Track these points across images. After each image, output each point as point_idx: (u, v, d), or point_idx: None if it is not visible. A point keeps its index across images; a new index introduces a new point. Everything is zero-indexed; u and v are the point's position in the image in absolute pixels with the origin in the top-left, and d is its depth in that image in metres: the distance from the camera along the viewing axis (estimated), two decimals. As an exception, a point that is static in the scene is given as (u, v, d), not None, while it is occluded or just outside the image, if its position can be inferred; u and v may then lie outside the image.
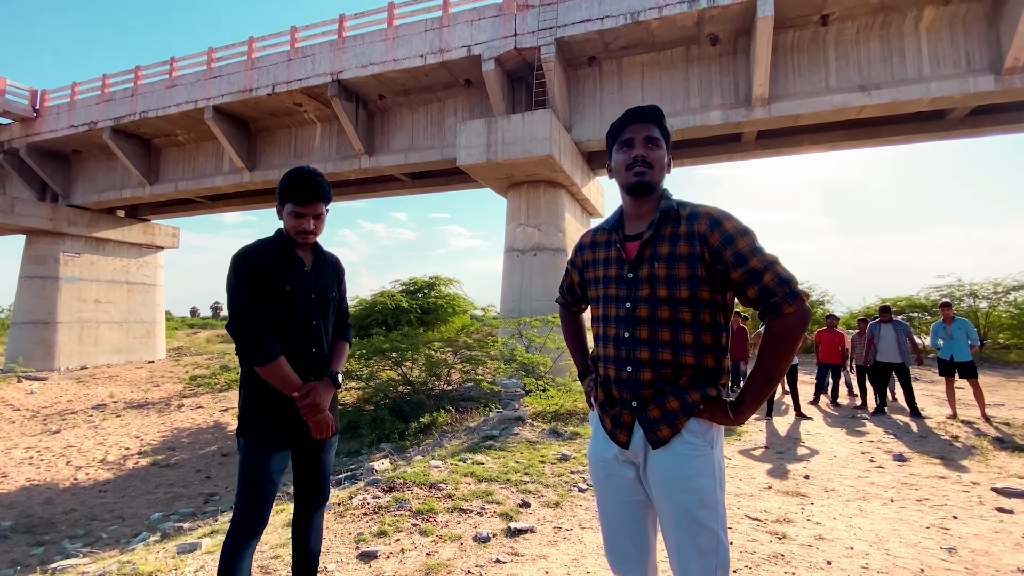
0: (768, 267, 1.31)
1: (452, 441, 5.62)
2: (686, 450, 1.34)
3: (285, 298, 1.85)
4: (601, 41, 12.04)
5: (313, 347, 1.91)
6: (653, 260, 1.41)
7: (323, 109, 15.23)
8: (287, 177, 1.87)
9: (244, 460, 1.82)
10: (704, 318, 1.37)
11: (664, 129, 1.50)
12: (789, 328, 1.29)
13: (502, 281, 12.99)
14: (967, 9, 10.73)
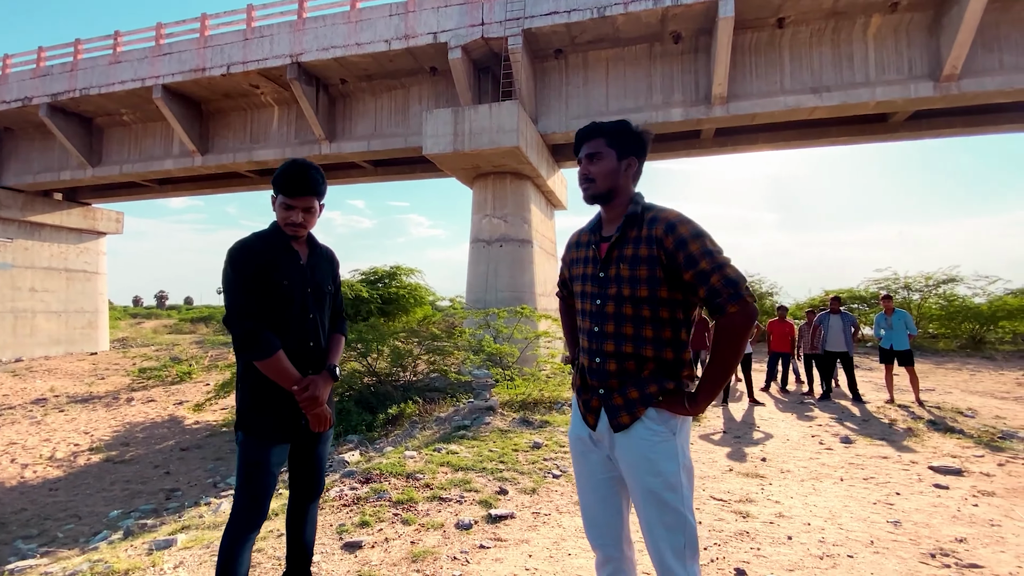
0: (716, 269, 1.40)
1: (423, 432, 5.64)
2: (648, 435, 1.45)
3: (282, 292, 1.84)
4: (568, 34, 12.13)
5: (311, 341, 1.91)
6: (619, 261, 1.53)
7: (281, 92, 14.73)
8: (281, 169, 1.86)
9: (243, 453, 1.81)
10: (663, 315, 1.48)
11: (613, 138, 1.59)
12: (733, 326, 1.39)
13: (468, 272, 12.99)
14: (911, 19, 11.38)
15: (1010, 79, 10.74)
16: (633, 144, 1.60)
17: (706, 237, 1.44)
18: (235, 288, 1.77)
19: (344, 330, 2.14)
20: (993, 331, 17.36)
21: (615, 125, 1.62)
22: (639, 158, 1.61)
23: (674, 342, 1.49)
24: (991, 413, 8.19)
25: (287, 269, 1.86)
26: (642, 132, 1.62)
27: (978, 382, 12.25)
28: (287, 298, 1.85)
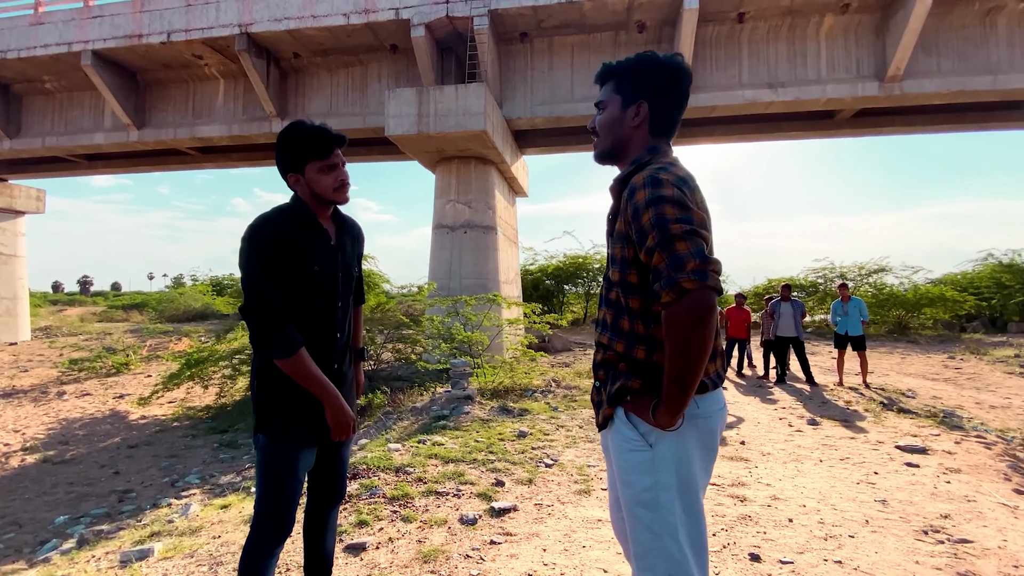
0: (662, 245, 1.09)
1: (400, 423, 5.45)
2: (620, 440, 1.27)
3: (311, 278, 1.61)
4: (535, 17, 11.93)
5: (338, 332, 1.72)
6: (612, 234, 1.32)
7: (228, 64, 13.79)
8: (294, 138, 1.60)
9: (266, 460, 1.61)
10: (632, 305, 1.25)
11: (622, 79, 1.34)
12: (670, 319, 1.08)
13: (430, 258, 12.70)
14: (860, 20, 11.90)
15: (946, 82, 11.46)
16: (645, 82, 1.29)
17: (665, 204, 1.11)
18: (254, 273, 1.52)
19: (363, 299, 1.97)
20: (917, 317, 18.77)
21: (626, 61, 1.33)
22: (655, 100, 1.29)
23: (646, 339, 1.23)
24: (928, 393, 8.79)
25: (318, 251, 1.63)
26: (664, 63, 1.29)
27: (909, 365, 13.16)
28: (317, 285, 1.63)
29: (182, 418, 7.87)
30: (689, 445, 1.23)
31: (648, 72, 1.31)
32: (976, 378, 11.47)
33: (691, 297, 1.05)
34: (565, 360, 12.37)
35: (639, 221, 1.15)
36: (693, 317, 1.05)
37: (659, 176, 1.17)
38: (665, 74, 1.30)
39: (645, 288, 1.22)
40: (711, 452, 1.30)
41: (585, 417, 5.64)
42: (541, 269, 22.12)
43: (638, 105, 1.31)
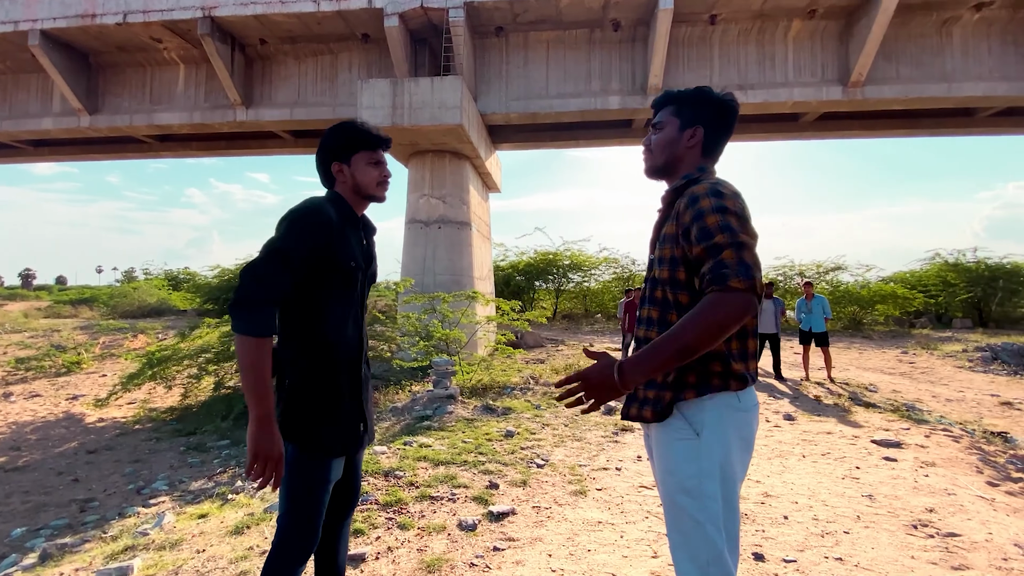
0: (733, 246, 1.20)
1: (381, 423, 5.30)
2: (667, 431, 1.34)
3: (350, 275, 1.57)
4: (511, 12, 11.82)
5: (362, 333, 1.68)
6: (660, 242, 1.43)
7: (190, 49, 13.16)
8: (347, 128, 1.63)
9: (296, 472, 1.50)
10: (682, 299, 1.35)
11: (682, 105, 1.48)
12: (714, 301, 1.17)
13: (403, 254, 12.49)
14: (825, 26, 12.27)
15: (905, 89, 11.95)
16: (703, 112, 1.45)
17: (731, 214, 1.24)
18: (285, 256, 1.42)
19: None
20: (870, 314, 19.66)
21: (688, 91, 1.49)
22: (709, 128, 1.45)
23: None
24: (888, 388, 9.16)
25: (355, 247, 1.59)
26: (720, 99, 1.45)
27: (867, 359, 13.73)
28: (354, 282, 1.59)
29: (144, 420, 7.47)
30: (731, 437, 1.31)
31: (706, 102, 1.46)
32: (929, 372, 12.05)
33: (742, 296, 1.16)
34: (539, 356, 12.38)
35: (703, 222, 1.25)
36: (733, 309, 1.15)
37: (720, 189, 1.30)
38: (720, 107, 1.46)
39: (694, 285, 1.31)
40: (748, 447, 1.38)
41: (568, 415, 5.62)
42: (512, 265, 22.10)
43: (695, 129, 1.45)
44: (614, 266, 23.41)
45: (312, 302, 1.52)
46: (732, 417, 1.31)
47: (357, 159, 1.60)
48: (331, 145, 1.62)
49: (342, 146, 1.61)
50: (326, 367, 1.54)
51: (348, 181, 1.61)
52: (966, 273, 20.53)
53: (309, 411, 1.52)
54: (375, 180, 1.63)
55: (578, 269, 22.82)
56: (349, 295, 1.58)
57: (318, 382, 1.53)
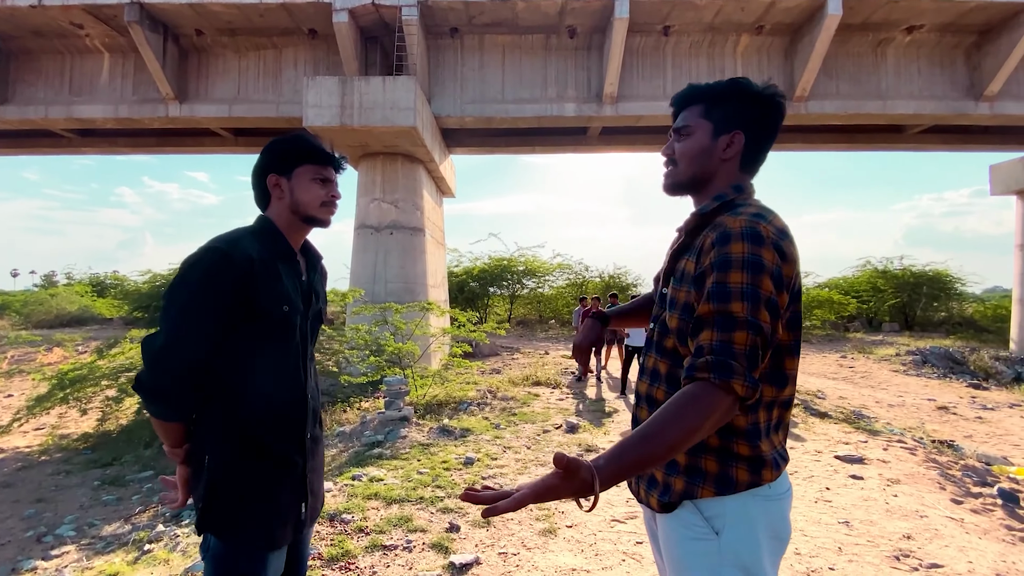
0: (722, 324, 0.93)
1: (327, 451, 4.85)
2: (678, 526, 1.09)
3: (281, 323, 1.25)
4: (466, 13, 11.53)
5: (308, 392, 1.34)
6: (674, 277, 1.15)
7: (116, 37, 12.11)
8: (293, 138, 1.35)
9: (222, 568, 1.19)
10: None
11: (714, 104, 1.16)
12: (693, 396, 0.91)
13: (352, 261, 11.92)
14: (772, 42, 12.66)
15: (845, 105, 12.48)
16: (742, 112, 1.13)
17: (765, 275, 0.95)
18: (192, 311, 1.16)
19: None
20: (808, 318, 20.55)
21: (720, 85, 1.17)
22: (750, 133, 1.14)
23: None
24: (834, 394, 9.43)
25: (288, 286, 1.28)
26: (765, 95, 1.14)
27: (810, 364, 14.22)
28: (287, 331, 1.28)
29: (52, 450, 6.63)
30: (759, 533, 1.04)
31: (746, 99, 1.15)
32: (868, 376, 12.57)
33: (735, 402, 0.92)
34: (494, 366, 12.09)
35: (725, 275, 0.98)
36: (724, 415, 0.92)
37: (759, 230, 1.00)
38: (765, 105, 1.15)
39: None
40: (782, 542, 1.11)
41: (528, 434, 5.36)
42: (466, 271, 21.74)
43: (732, 135, 1.14)
44: (568, 272, 23.49)
45: (233, 360, 1.21)
46: (761, 509, 1.05)
47: (300, 173, 1.33)
48: (268, 157, 1.35)
49: (284, 156, 1.33)
50: (255, 439, 1.21)
51: (286, 198, 1.32)
52: (894, 279, 21.82)
53: (235, 495, 1.20)
54: (319, 199, 1.34)
55: (532, 275, 22.73)
56: (284, 346, 1.28)
57: (245, 459, 1.20)
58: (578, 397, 7.77)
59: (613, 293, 11.67)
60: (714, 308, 0.96)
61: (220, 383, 1.21)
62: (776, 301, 0.97)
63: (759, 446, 1.04)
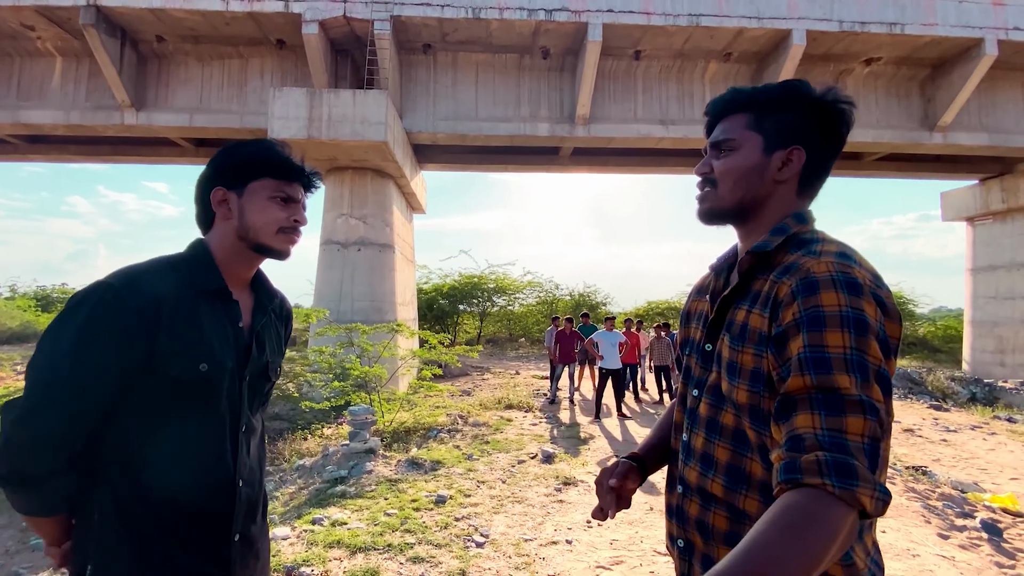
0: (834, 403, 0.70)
1: (285, 488, 4.48)
2: None
3: (196, 386, 0.96)
4: (440, 30, 11.44)
5: (239, 477, 1.02)
6: (728, 330, 0.93)
7: (70, 40, 11.52)
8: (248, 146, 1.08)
9: None
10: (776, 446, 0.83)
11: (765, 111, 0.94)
12: (804, 510, 0.65)
13: (317, 278, 11.49)
14: (739, 69, 12.99)
15: (808, 132, 12.85)
16: (801, 123, 0.91)
17: (871, 337, 0.74)
18: (67, 369, 0.87)
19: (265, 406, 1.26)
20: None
21: (772, 90, 0.94)
22: (814, 149, 0.92)
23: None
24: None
25: (211, 338, 0.98)
26: (827, 101, 0.91)
27: (778, 385, 14.35)
28: (204, 397, 0.98)
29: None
30: None
31: (805, 107, 0.92)
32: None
33: (853, 515, 0.66)
34: (465, 386, 11.77)
35: (819, 335, 0.75)
36: (847, 537, 0.66)
37: (855, 276, 0.79)
38: (827, 113, 0.92)
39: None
40: None
41: (503, 465, 5.10)
42: (436, 288, 21.40)
43: (790, 151, 0.92)
44: (538, 289, 23.43)
45: (127, 436, 0.92)
46: None
47: (256, 189, 1.05)
48: (220, 163, 1.08)
49: (237, 165, 1.06)
50: (155, 545, 0.92)
51: (233, 219, 1.05)
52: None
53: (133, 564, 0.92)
54: (277, 223, 1.06)
55: (503, 293, 22.56)
56: (201, 417, 0.98)
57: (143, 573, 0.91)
58: (552, 421, 7.56)
59: (584, 313, 11.57)
60: (812, 383, 0.73)
61: (109, 467, 0.92)
62: (886, 373, 0.75)
63: (852, 557, 0.79)
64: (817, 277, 0.78)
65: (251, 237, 1.05)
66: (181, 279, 0.98)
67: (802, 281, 0.79)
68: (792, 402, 0.75)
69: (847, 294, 0.76)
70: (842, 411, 0.70)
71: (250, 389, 1.07)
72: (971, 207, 15.80)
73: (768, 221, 0.94)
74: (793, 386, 0.75)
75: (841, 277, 0.78)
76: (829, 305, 0.76)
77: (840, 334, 0.74)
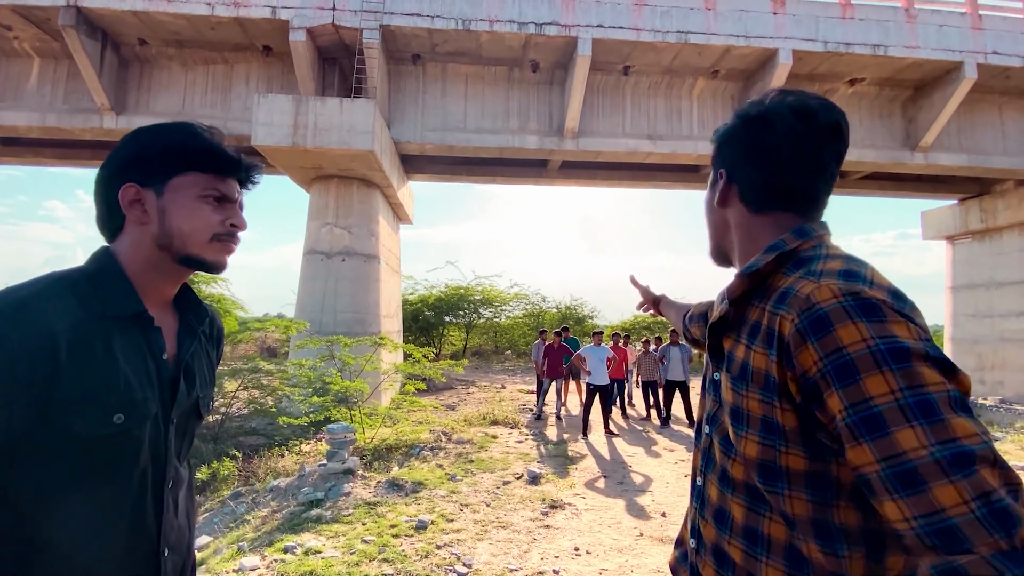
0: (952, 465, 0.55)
1: (257, 511, 4.25)
2: None
3: (108, 443, 0.76)
4: (429, 41, 11.38)
5: (168, 547, 0.84)
6: (728, 365, 0.81)
7: (48, 41, 11.25)
8: (167, 131, 0.86)
9: None
10: (797, 510, 0.70)
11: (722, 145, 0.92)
12: None
13: (299, 288, 11.24)
14: (726, 86, 13.12)
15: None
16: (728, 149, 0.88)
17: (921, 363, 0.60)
18: None
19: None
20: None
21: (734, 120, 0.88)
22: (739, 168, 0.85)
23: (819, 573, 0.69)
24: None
25: (128, 378, 0.78)
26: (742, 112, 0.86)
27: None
28: (119, 455, 0.78)
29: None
30: None
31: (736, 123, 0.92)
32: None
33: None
34: (449, 400, 11.55)
35: (856, 389, 0.61)
36: None
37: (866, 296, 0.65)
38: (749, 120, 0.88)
39: (819, 483, 0.69)
40: None
41: (487, 487, 4.92)
42: (421, 299, 21.17)
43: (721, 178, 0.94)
44: (524, 302, 23.30)
45: (19, 509, 0.72)
46: None
47: (181, 185, 0.85)
48: (130, 154, 0.85)
49: (153, 158, 0.84)
50: None
51: (151, 224, 0.84)
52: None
53: None
54: (209, 229, 0.86)
55: (489, 305, 22.40)
56: (122, 478, 0.78)
57: None
58: (538, 438, 7.39)
59: (565, 327, 11.41)
60: (873, 455, 0.59)
61: (2, 562, 0.72)
62: (959, 395, 0.59)
63: None
64: (825, 309, 0.65)
65: (176, 247, 0.84)
66: (84, 304, 0.76)
67: (808, 317, 0.66)
68: (866, 482, 0.61)
69: (867, 322, 0.62)
70: (922, 484, 0.56)
71: (177, 434, 0.87)
72: (951, 226, 16.08)
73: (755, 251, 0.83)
74: (855, 461, 0.62)
75: (852, 303, 0.64)
76: (852, 344, 0.62)
77: (880, 377, 0.60)
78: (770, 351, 0.71)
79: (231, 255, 0.90)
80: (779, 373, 0.70)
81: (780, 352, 0.70)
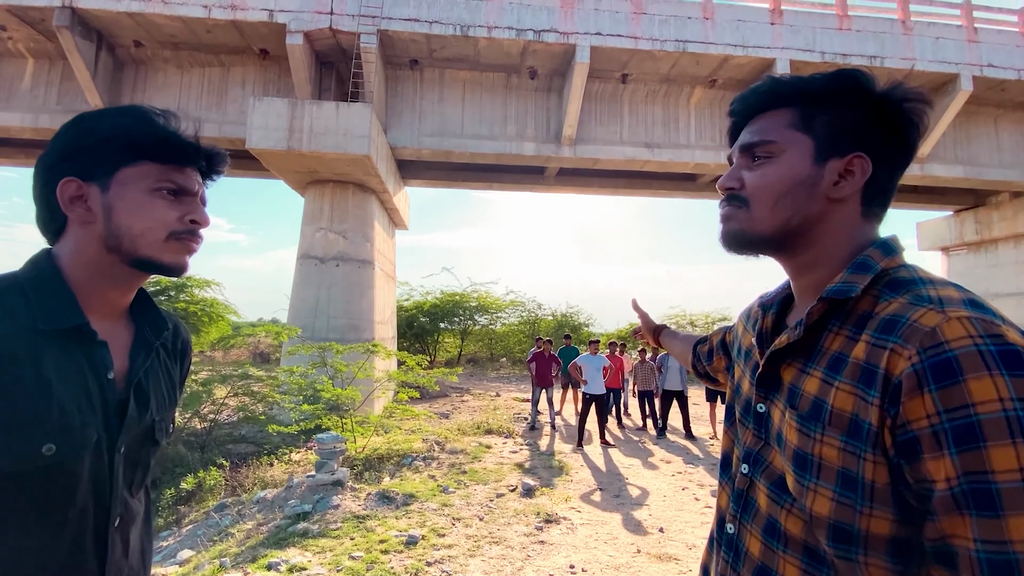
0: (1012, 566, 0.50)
1: (242, 524, 4.11)
2: None
3: (39, 477, 0.66)
4: (427, 46, 11.35)
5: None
6: (790, 401, 0.69)
7: (43, 42, 11.16)
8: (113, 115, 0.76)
9: None
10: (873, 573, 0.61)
11: (814, 107, 0.71)
12: None
13: (292, 293, 11.10)
14: (723, 95, 13.13)
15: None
16: (862, 125, 0.69)
17: None
18: None
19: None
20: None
21: (821, 81, 0.71)
22: (882, 157, 0.70)
23: None
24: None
25: (63, 401, 0.68)
26: (892, 96, 0.69)
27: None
28: (53, 491, 0.68)
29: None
30: None
31: (867, 104, 0.69)
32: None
33: None
34: (443, 409, 11.41)
35: (979, 456, 0.51)
36: None
37: (1008, 340, 0.53)
38: (895, 113, 0.69)
39: (904, 550, 0.58)
40: None
41: (480, 499, 4.80)
42: (417, 305, 21.03)
43: (849, 160, 0.69)
44: (520, 309, 23.19)
45: None
46: None
47: (129, 179, 0.75)
48: (69, 143, 0.75)
49: (95, 146, 0.74)
50: None
51: (96, 223, 0.74)
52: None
53: None
54: (165, 226, 0.76)
55: (485, 312, 22.29)
56: (55, 519, 0.68)
57: None
58: (532, 449, 7.27)
59: (567, 335, 11.35)
60: (975, 532, 0.50)
61: None
62: None
63: None
64: (955, 352, 0.53)
65: (126, 248, 0.74)
66: (11, 316, 0.67)
67: (932, 357, 0.54)
68: (949, 556, 0.52)
69: (1008, 377, 0.51)
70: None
71: (127, 464, 0.76)
72: (946, 238, 16.11)
73: (828, 254, 0.71)
74: (949, 530, 0.52)
75: (993, 348, 0.52)
76: (985, 402, 0.51)
77: (1011, 451, 0.50)
78: (869, 392, 0.59)
79: (192, 255, 0.80)
80: (879, 420, 0.58)
81: (885, 395, 0.58)
